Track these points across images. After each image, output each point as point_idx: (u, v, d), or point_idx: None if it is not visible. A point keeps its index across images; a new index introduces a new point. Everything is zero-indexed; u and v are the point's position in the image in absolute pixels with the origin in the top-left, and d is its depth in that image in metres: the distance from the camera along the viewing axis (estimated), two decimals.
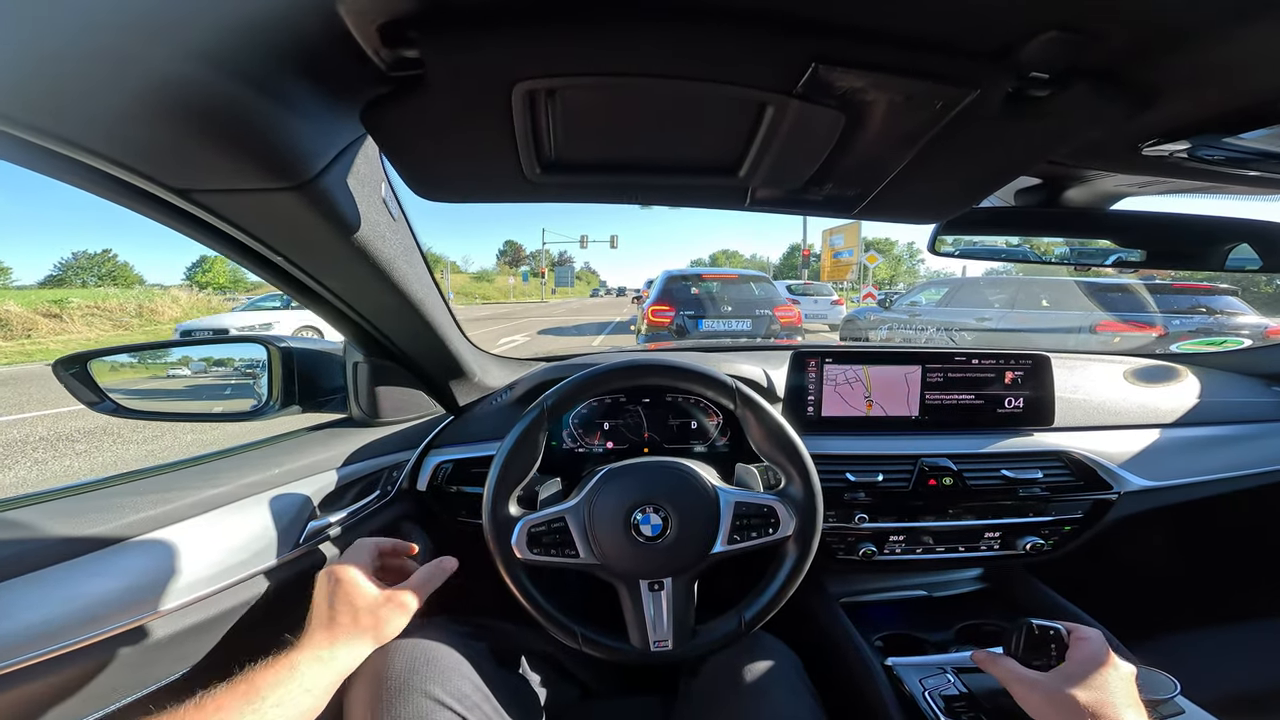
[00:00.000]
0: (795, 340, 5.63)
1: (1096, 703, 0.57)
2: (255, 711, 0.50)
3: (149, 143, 0.46)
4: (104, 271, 62.00)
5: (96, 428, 5.32)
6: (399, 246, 0.75)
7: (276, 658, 0.57)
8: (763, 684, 0.75)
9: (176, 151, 0.47)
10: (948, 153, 0.54)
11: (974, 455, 1.09)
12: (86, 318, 18.73)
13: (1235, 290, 5.80)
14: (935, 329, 6.70)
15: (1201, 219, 0.83)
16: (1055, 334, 5.60)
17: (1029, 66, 0.43)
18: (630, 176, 0.62)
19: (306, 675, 0.56)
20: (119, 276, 61.90)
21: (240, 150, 0.48)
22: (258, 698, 0.51)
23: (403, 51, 0.44)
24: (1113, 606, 1.09)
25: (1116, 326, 5.29)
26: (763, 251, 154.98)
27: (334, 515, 0.87)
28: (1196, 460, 1.18)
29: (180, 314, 21.21)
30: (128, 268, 66.39)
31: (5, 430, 5.39)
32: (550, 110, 0.50)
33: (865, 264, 20.42)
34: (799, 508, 0.77)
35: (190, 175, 0.51)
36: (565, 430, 1.13)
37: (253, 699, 0.51)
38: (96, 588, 0.59)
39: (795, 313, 6.26)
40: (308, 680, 0.55)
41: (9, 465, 4.31)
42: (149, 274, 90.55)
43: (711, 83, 0.47)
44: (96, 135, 0.43)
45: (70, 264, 63.34)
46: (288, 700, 0.53)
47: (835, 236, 25.31)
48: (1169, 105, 0.49)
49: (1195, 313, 5.47)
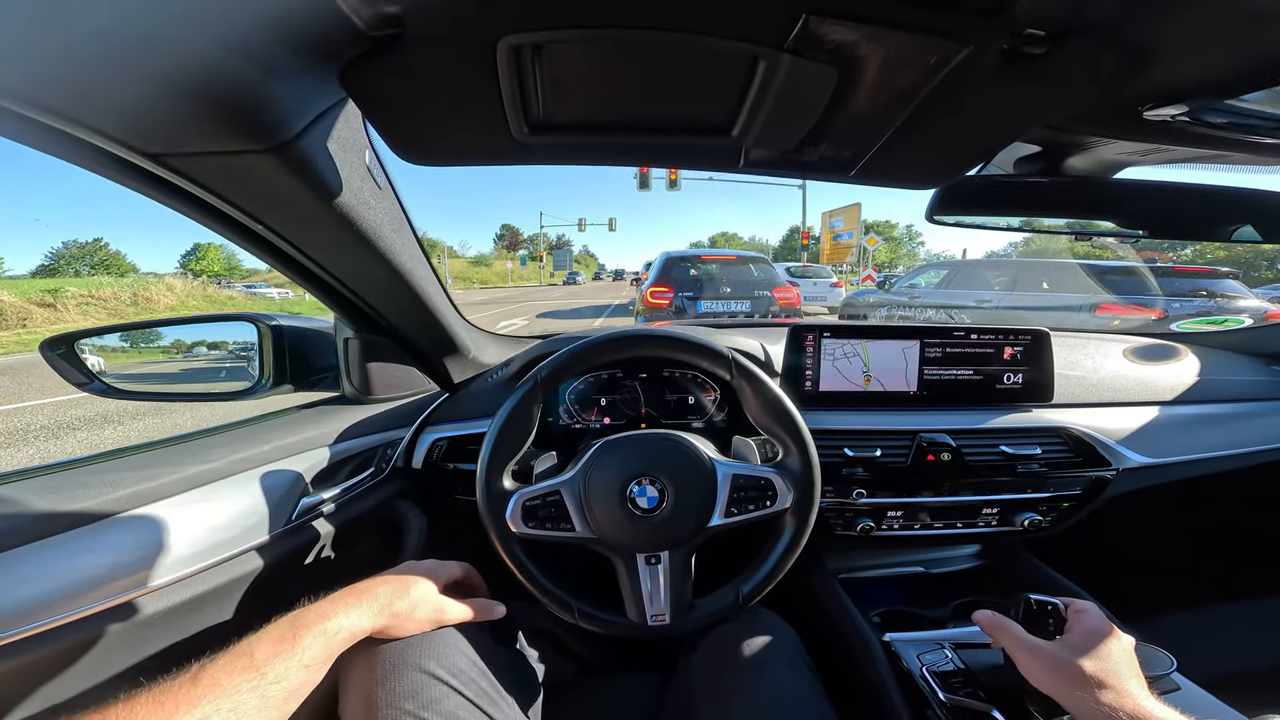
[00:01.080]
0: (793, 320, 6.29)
1: (1101, 672, 0.57)
2: (252, 685, 0.50)
3: (116, 104, 0.44)
4: (96, 260, 61.75)
5: (98, 415, 5.32)
6: (384, 215, 0.73)
7: (276, 629, 0.56)
8: (761, 659, 0.74)
9: (144, 113, 0.46)
10: (943, 114, 0.53)
11: (973, 431, 1.08)
12: (81, 306, 18.59)
13: (1236, 274, 5.79)
14: (934, 311, 6.64)
15: (1206, 189, 0.81)
16: (1055, 314, 5.59)
17: (1024, 23, 0.41)
18: (621, 136, 0.61)
19: (308, 650, 0.55)
20: (112, 265, 61.64)
21: (211, 111, 0.47)
22: (255, 671, 0.51)
23: (382, 8, 0.42)
24: (1110, 584, 1.09)
25: (1116, 309, 5.29)
26: (762, 234, 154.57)
27: (327, 492, 0.87)
28: (1195, 438, 1.18)
29: (175, 302, 20.99)
30: (120, 256, 66.10)
31: (6, 419, 5.39)
32: (538, 67, 0.49)
33: (865, 246, 20.28)
34: (796, 480, 0.77)
35: (160, 138, 0.50)
36: (562, 406, 1.12)
37: (250, 673, 0.50)
38: (85, 563, 0.58)
39: (794, 294, 6.21)
40: (307, 655, 0.55)
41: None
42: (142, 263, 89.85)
43: (701, 34, 0.45)
44: (60, 97, 0.42)
45: (61, 254, 63.03)
46: (286, 675, 0.52)
47: (835, 219, 24.89)
48: (1168, 65, 0.48)
49: (1196, 296, 5.46)
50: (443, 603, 0.69)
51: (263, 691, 0.50)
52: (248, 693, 0.49)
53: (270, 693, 0.51)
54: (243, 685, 0.49)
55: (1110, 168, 0.76)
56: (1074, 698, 0.57)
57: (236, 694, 0.48)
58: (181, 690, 0.47)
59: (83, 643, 0.58)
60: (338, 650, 0.58)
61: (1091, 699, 0.55)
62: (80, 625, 0.57)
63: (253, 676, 0.50)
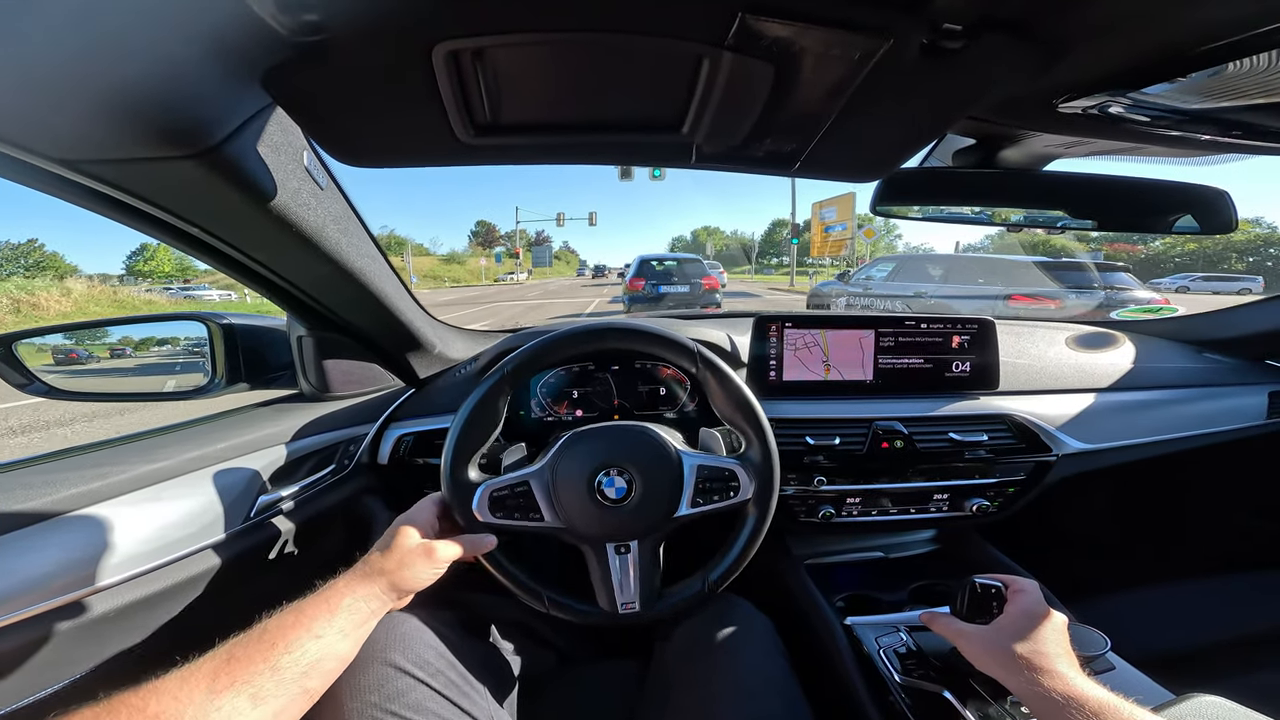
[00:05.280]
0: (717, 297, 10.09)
1: (1030, 652, 0.60)
2: (267, 662, 0.49)
3: (20, 112, 0.43)
4: (31, 263, 57.96)
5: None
6: (328, 215, 0.72)
7: (287, 606, 0.56)
8: (734, 645, 0.77)
9: (51, 121, 0.44)
10: (873, 107, 0.56)
11: (923, 418, 1.12)
12: None
13: (1129, 268, 6.62)
14: (883, 300, 7.66)
15: (1141, 182, 0.85)
16: (976, 303, 6.44)
17: (941, 17, 0.44)
18: (572, 136, 0.61)
19: (316, 622, 0.55)
20: (49, 266, 58.06)
21: (125, 117, 0.45)
22: (269, 645, 0.51)
23: (303, 16, 0.41)
24: (1054, 567, 1.14)
25: (1024, 299, 6.18)
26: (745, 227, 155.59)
27: (286, 489, 0.86)
28: (1129, 423, 1.23)
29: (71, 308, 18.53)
30: (58, 258, 62.30)
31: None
32: (479, 71, 0.48)
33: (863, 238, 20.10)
34: (758, 470, 0.79)
35: (72, 145, 0.48)
36: (534, 399, 1.12)
37: (265, 648, 0.50)
38: (30, 563, 0.57)
39: (715, 280, 10.12)
40: (317, 626, 0.55)
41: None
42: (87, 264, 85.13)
43: (642, 35, 0.46)
44: None
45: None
46: (297, 647, 0.52)
47: (827, 209, 24.27)
48: (1078, 58, 0.51)
49: (1091, 288, 6.26)
50: (429, 544, 0.67)
51: (275, 663, 0.50)
52: (262, 665, 0.49)
53: (283, 664, 0.50)
54: (259, 661, 0.49)
55: (1041, 159, 0.81)
56: (1009, 678, 0.60)
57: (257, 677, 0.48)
58: (203, 666, 0.47)
59: (33, 642, 0.57)
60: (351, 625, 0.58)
61: (1025, 679, 0.58)
62: (29, 624, 0.56)
63: (268, 651, 0.50)
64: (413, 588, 0.65)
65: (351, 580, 0.61)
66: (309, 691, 0.52)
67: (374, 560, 0.63)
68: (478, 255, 69.06)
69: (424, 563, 0.65)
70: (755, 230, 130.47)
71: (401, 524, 0.68)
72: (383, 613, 0.63)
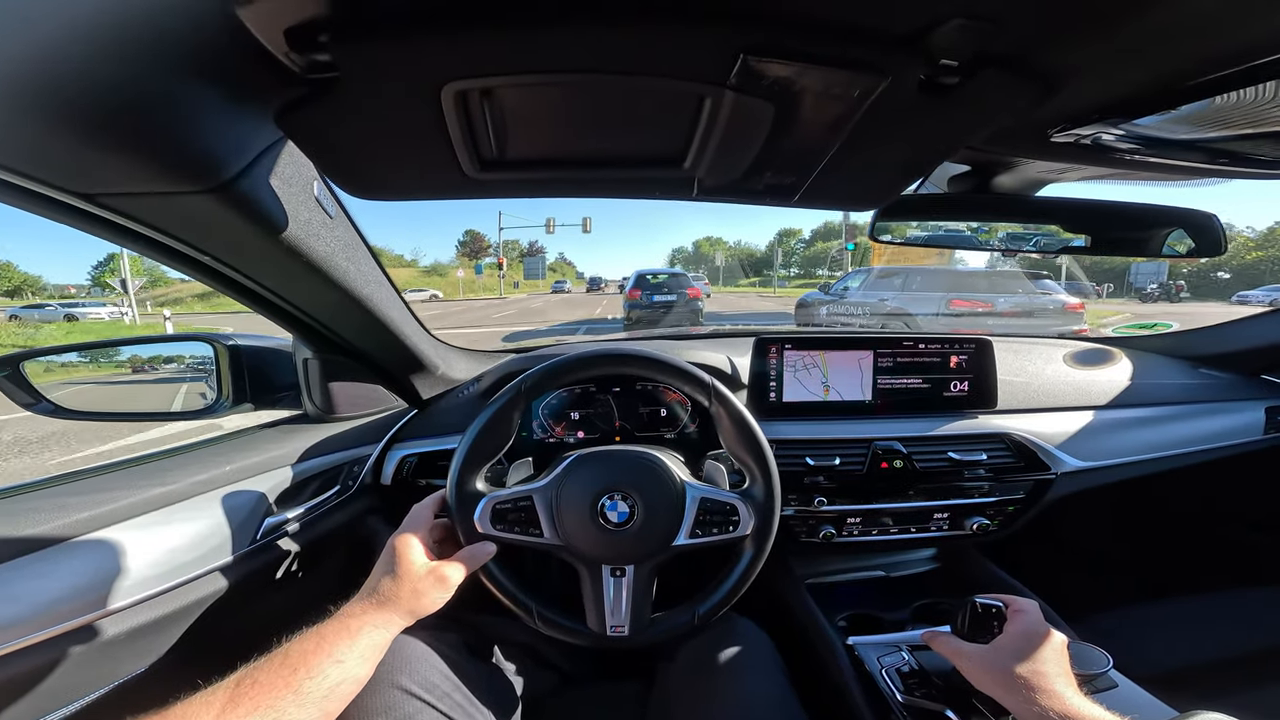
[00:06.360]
0: (699, 304, 12.08)
1: (1029, 672, 0.60)
2: (290, 686, 0.50)
3: (42, 147, 0.44)
4: None
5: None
6: (337, 243, 0.74)
7: (308, 630, 0.56)
8: (736, 666, 0.77)
9: (72, 156, 0.46)
10: (872, 141, 0.57)
11: (922, 438, 1.13)
12: None
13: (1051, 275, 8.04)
14: (854, 309, 8.70)
15: (1132, 207, 0.87)
16: (927, 306, 7.54)
17: (938, 54, 0.45)
18: (576, 171, 0.62)
19: (337, 647, 0.55)
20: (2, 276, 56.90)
21: (142, 155, 0.46)
22: (290, 670, 0.51)
23: (315, 55, 0.42)
24: (1055, 584, 1.14)
25: (962, 304, 7.30)
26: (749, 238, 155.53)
27: (292, 511, 0.86)
28: (1127, 440, 1.24)
29: None
30: (10, 267, 60.94)
31: None
32: (486, 109, 0.50)
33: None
34: (759, 508, 0.79)
35: (91, 179, 0.49)
36: (536, 421, 1.13)
37: (286, 673, 0.51)
38: (41, 588, 0.58)
39: (697, 289, 12.34)
40: (339, 651, 0.55)
41: None
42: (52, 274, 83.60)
43: (647, 76, 0.48)
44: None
45: None
46: (319, 671, 0.52)
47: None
48: (1070, 91, 0.52)
49: (1016, 292, 7.66)
50: (438, 570, 0.67)
51: (298, 688, 0.50)
52: (285, 690, 0.50)
53: (305, 689, 0.51)
54: (280, 688, 0.50)
55: (1033, 185, 0.83)
56: (1008, 698, 0.60)
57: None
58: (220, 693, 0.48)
59: (44, 666, 0.58)
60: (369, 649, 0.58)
61: (1024, 699, 0.58)
62: (41, 649, 0.57)
63: (288, 675, 0.51)
64: (427, 613, 0.65)
65: (368, 606, 0.61)
66: (329, 714, 0.52)
67: (386, 587, 0.63)
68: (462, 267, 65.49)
69: (437, 589, 0.66)
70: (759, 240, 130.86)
71: (403, 545, 0.67)
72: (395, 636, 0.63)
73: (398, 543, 0.67)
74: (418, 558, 0.66)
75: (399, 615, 0.62)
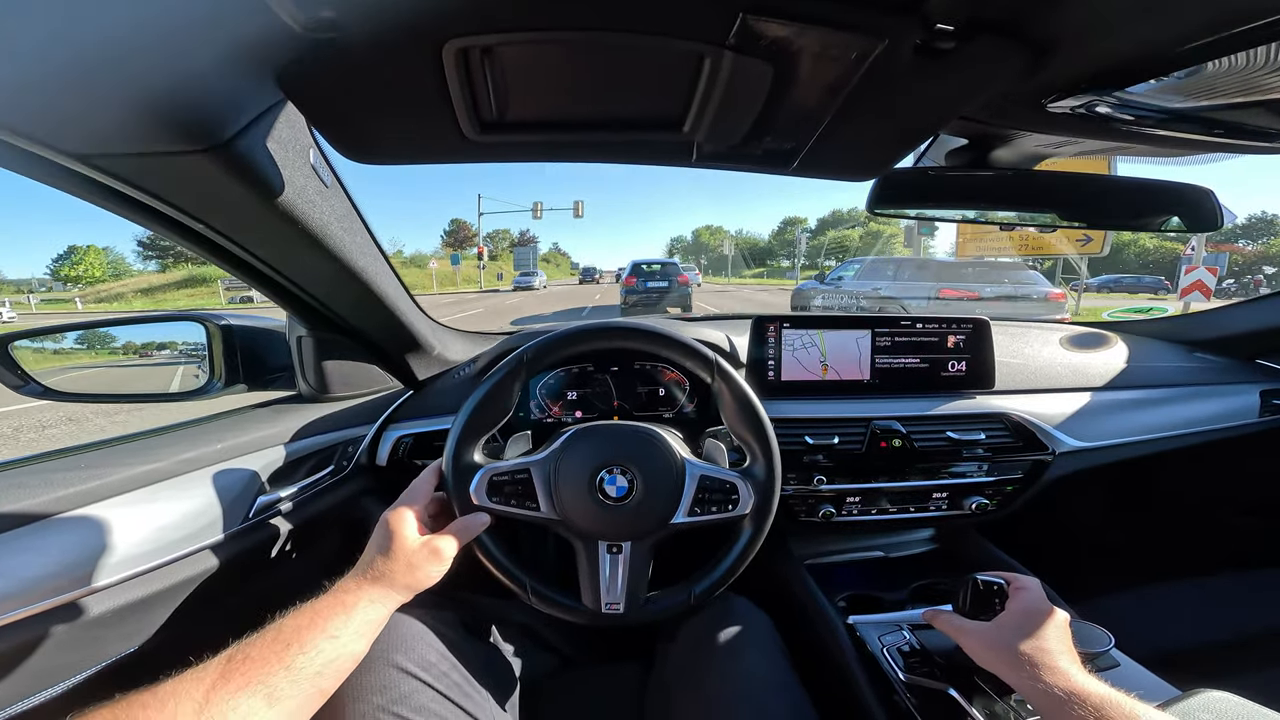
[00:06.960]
0: (688, 290, 13.19)
1: (1032, 649, 0.60)
2: (282, 662, 0.49)
3: (36, 106, 0.43)
4: None
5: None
6: (332, 213, 0.73)
7: (302, 605, 0.55)
8: (737, 646, 0.76)
9: (67, 115, 0.45)
10: (868, 107, 0.57)
11: (921, 417, 1.13)
12: None
13: (1035, 266, 8.23)
14: (850, 297, 9.01)
15: (1127, 181, 0.85)
16: (919, 294, 7.99)
17: (933, 18, 0.45)
18: (575, 134, 0.62)
19: (331, 623, 0.54)
20: None
21: (139, 112, 0.46)
22: (283, 645, 0.50)
23: (318, 12, 0.42)
24: (1055, 565, 1.14)
25: (951, 293, 7.76)
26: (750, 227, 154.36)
27: (285, 490, 0.85)
28: (1124, 421, 1.25)
29: None
30: None
31: None
32: (487, 68, 0.49)
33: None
34: (759, 486, 0.79)
35: (86, 139, 0.49)
36: (534, 400, 1.12)
37: (279, 648, 0.50)
38: (26, 564, 0.57)
39: (685, 277, 13.41)
40: (333, 627, 0.54)
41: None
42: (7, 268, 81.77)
43: (648, 34, 0.47)
44: None
45: None
46: (312, 647, 0.51)
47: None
48: (1064, 58, 0.52)
49: (1002, 282, 8.03)
50: (432, 544, 0.66)
51: (290, 663, 0.49)
52: (277, 666, 0.49)
53: (298, 664, 0.50)
54: (272, 661, 0.49)
55: (1032, 159, 0.82)
56: (1011, 675, 0.60)
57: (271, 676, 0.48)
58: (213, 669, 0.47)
59: (30, 643, 0.57)
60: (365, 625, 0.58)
61: (1028, 676, 0.58)
62: (26, 625, 0.56)
63: (281, 650, 0.50)
64: (423, 587, 0.65)
65: (362, 582, 0.60)
66: (323, 691, 0.52)
67: (380, 563, 0.62)
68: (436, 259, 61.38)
69: (431, 562, 0.65)
70: (760, 229, 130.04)
71: (396, 519, 0.66)
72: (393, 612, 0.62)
73: (391, 517, 0.66)
74: (411, 532, 0.65)
75: (395, 590, 0.61)
